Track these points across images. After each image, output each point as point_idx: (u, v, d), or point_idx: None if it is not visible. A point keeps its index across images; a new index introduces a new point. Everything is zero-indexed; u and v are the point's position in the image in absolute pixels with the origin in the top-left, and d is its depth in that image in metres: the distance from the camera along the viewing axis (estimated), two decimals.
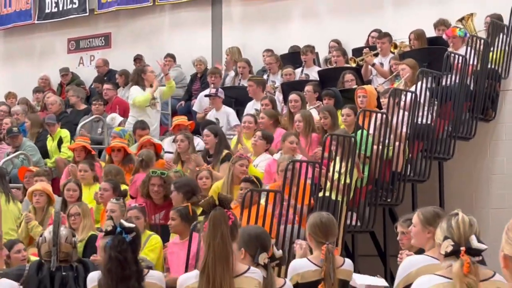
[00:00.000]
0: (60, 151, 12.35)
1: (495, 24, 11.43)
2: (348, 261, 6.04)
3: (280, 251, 5.32)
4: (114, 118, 12.83)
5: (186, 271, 7.23)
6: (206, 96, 12.54)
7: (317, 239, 5.84)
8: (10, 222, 9.10)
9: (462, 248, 3.69)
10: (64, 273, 5.72)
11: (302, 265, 5.84)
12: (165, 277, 6.60)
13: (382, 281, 6.92)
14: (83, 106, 14.09)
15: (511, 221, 2.85)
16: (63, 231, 5.88)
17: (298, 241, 6.30)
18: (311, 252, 5.99)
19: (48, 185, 9.53)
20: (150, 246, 7.74)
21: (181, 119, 11.42)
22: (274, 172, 9.12)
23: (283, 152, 9.38)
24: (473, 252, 3.69)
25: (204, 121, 11.72)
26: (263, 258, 5.10)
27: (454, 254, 3.70)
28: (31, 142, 12.54)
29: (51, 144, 12.54)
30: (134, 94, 12.25)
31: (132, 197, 9.31)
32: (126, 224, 5.08)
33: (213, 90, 12.33)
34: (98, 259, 7.24)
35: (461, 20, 11.83)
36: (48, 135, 12.66)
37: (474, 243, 3.72)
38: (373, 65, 11.86)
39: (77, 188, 9.20)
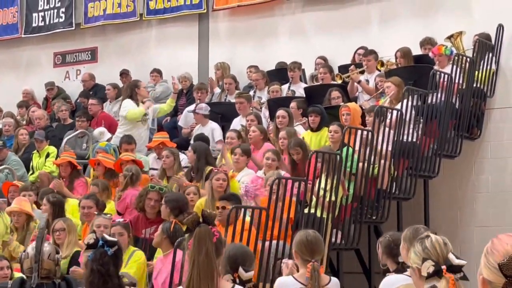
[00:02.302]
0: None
1: (481, 43, 11.48)
2: (334, 280, 6.02)
3: (250, 273, 5.30)
4: (102, 132, 12.74)
5: (170, 286, 7.24)
6: (189, 112, 12.55)
7: (303, 256, 5.84)
8: None
9: (443, 267, 3.70)
10: None
11: (288, 283, 5.83)
12: None
13: None
14: (69, 121, 14.06)
15: (489, 244, 2.85)
16: (47, 247, 5.83)
17: (285, 261, 6.30)
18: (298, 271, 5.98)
19: (26, 203, 9.39)
20: (134, 262, 7.73)
21: (158, 138, 11.35)
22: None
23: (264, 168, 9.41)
24: (454, 269, 3.71)
25: (195, 136, 11.66)
26: (225, 279, 5.12)
27: (436, 274, 3.71)
28: (16, 157, 12.49)
29: (37, 160, 12.47)
30: (128, 107, 12.16)
31: (119, 214, 9.26)
32: (108, 238, 5.05)
33: (192, 107, 12.35)
34: (78, 271, 7.21)
35: (450, 37, 11.88)
36: (35, 151, 12.60)
37: (454, 260, 3.73)
38: (359, 82, 11.88)
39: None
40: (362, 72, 12.11)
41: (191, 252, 4.78)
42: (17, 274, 6.82)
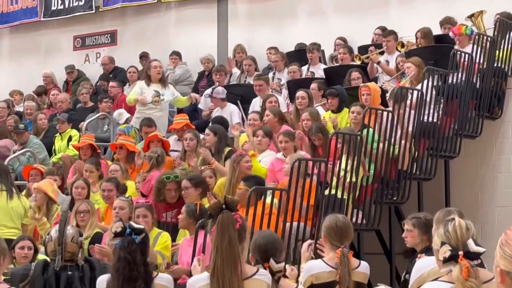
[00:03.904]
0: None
1: (502, 22, 11.40)
2: (363, 264, 6.02)
3: (281, 264, 5.30)
4: (121, 113, 12.84)
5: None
6: (206, 97, 12.55)
7: (332, 242, 5.85)
8: (7, 219, 8.93)
9: (460, 253, 3.69)
10: (70, 273, 5.71)
11: (317, 266, 5.85)
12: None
13: None
14: (90, 104, 14.11)
15: (503, 236, 2.84)
16: (70, 230, 5.88)
17: (308, 242, 6.30)
18: (315, 257, 6.00)
19: (48, 184, 9.41)
20: (163, 243, 7.76)
21: (181, 120, 11.33)
22: (277, 171, 9.12)
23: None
24: (471, 255, 3.70)
25: (214, 119, 11.67)
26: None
27: (452, 259, 3.71)
28: (37, 140, 12.54)
29: (59, 143, 12.52)
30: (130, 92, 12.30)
31: (143, 195, 9.30)
32: (136, 226, 5.11)
33: (208, 91, 12.33)
34: (104, 249, 7.23)
35: (470, 17, 11.81)
36: (57, 134, 12.64)
37: (472, 246, 3.72)
38: (379, 63, 11.84)
39: (85, 186, 9.19)
40: (381, 53, 12.07)
41: (214, 238, 4.85)
42: (42, 257, 6.87)
